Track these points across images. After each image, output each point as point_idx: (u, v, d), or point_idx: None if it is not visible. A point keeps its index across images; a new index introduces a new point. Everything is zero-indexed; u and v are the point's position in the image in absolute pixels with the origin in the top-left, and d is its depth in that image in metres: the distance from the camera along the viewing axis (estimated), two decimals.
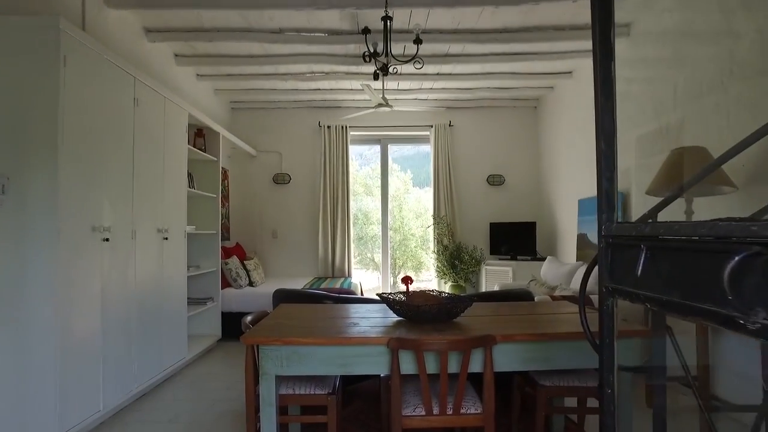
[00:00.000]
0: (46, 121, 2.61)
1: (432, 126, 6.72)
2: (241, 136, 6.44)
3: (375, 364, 2.04)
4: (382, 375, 2.47)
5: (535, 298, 3.53)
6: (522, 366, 2.06)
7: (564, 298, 3.77)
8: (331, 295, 3.51)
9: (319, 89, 6.08)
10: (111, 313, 3.06)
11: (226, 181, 6.51)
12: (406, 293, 2.56)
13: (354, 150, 7.45)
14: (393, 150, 9.78)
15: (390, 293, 2.54)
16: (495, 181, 6.79)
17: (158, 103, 3.73)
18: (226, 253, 5.88)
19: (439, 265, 6.49)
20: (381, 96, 4.84)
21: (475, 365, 2.02)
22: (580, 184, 5.35)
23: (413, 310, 2.22)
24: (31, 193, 2.61)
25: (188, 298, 4.92)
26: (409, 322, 2.32)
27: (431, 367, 2.01)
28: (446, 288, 6.54)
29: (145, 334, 3.49)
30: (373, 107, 4.97)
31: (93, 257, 2.89)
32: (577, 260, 5.09)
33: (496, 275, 6.09)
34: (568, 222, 5.70)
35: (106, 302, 3.01)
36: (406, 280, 4.09)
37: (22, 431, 2.59)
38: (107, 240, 3.01)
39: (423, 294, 2.38)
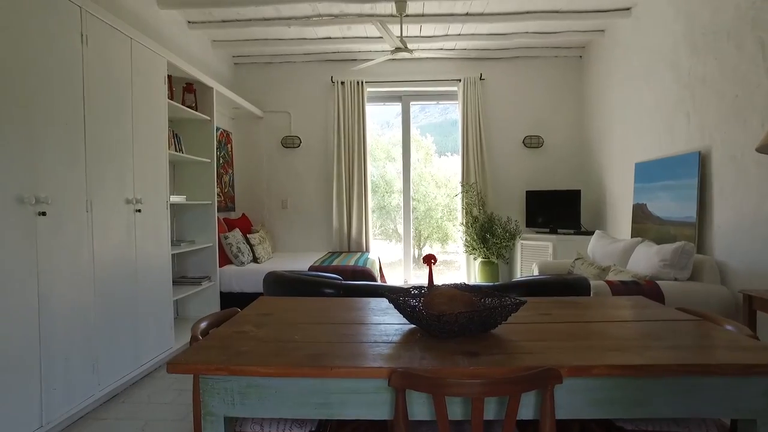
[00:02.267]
0: None
1: (460, 80, 5.86)
2: (246, 96, 5.73)
3: (370, 406, 1.35)
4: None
5: (591, 284, 2.77)
6: (599, 412, 1.33)
7: (624, 285, 3.00)
8: (334, 281, 2.83)
9: (330, 37, 5.28)
10: (54, 304, 2.44)
11: (229, 146, 5.85)
12: (425, 291, 1.84)
13: (374, 111, 6.67)
14: (418, 116, 8.94)
15: (404, 291, 1.83)
16: (532, 143, 5.93)
17: (120, 45, 3.02)
18: (229, 225, 5.27)
19: (468, 239, 5.74)
20: (399, 38, 4.03)
21: (526, 411, 1.31)
22: (637, 146, 4.47)
23: (433, 321, 1.51)
24: None
25: (181, 278, 4.35)
26: (427, 332, 1.61)
27: (456, 411, 1.31)
28: (476, 265, 5.80)
29: (111, 325, 2.90)
30: (390, 51, 4.17)
31: (22, 236, 2.26)
32: (633, 236, 4.27)
33: (533, 251, 5.31)
34: (621, 190, 4.84)
35: (46, 290, 2.39)
36: (429, 259, 3.34)
37: None
38: (43, 214, 2.37)
39: (448, 293, 1.65)
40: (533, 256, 5.27)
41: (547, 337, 1.55)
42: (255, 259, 5.17)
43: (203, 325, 1.75)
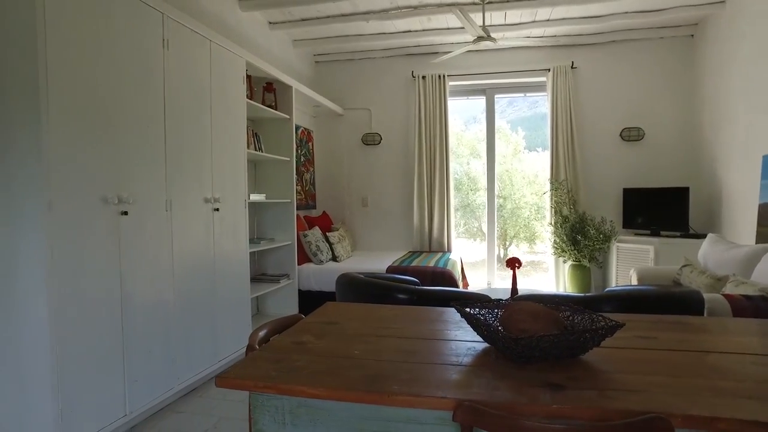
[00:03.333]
0: (25, 63, 2.03)
1: (549, 69, 5.44)
2: (327, 94, 5.73)
3: None
4: None
5: (705, 298, 2.37)
6: None
7: (750, 301, 2.54)
8: (408, 287, 2.68)
9: (410, 30, 5.12)
10: (135, 300, 2.52)
11: (310, 144, 5.90)
12: (505, 301, 1.63)
13: (457, 106, 6.42)
14: (506, 111, 8.53)
15: (479, 301, 1.63)
16: (631, 135, 5.37)
17: (200, 48, 3.07)
18: (309, 223, 5.30)
19: (557, 240, 5.33)
20: (482, 27, 3.77)
21: None
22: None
23: (510, 344, 1.29)
24: (16, 159, 2.07)
25: (261, 275, 4.42)
26: (503, 354, 1.40)
27: None
28: (565, 268, 5.37)
29: (190, 321, 2.96)
30: (471, 42, 3.93)
31: (106, 235, 2.34)
32: (758, 241, 3.68)
33: (631, 255, 4.81)
34: (743, 187, 4.22)
35: (129, 287, 2.47)
36: (513, 263, 3.09)
37: None
38: (125, 213, 2.44)
39: (530, 309, 1.43)
40: (631, 260, 4.76)
41: (650, 370, 1.28)
42: (334, 258, 5.15)
43: (262, 333, 1.66)
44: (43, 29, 2.03)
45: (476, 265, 6.87)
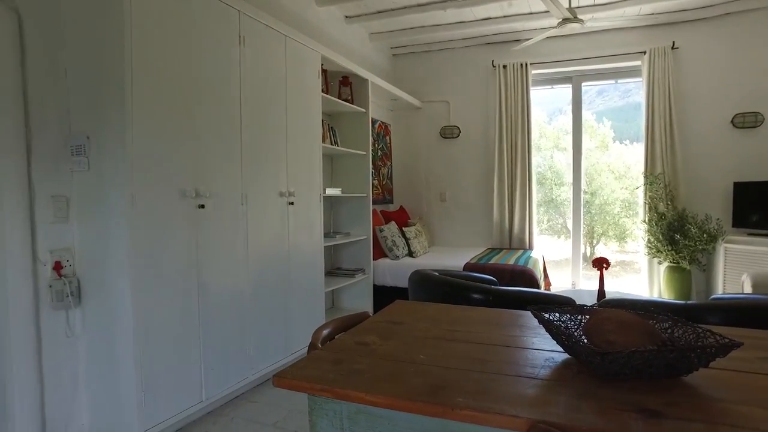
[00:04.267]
0: (115, 62, 2.13)
1: (645, 52, 4.96)
2: (404, 87, 5.65)
3: None
4: None
5: None
6: None
7: None
8: (484, 286, 2.53)
9: (490, 18, 4.89)
10: (212, 288, 2.59)
11: (388, 138, 5.85)
12: (590, 307, 1.45)
13: (540, 97, 6.08)
14: (595, 101, 7.97)
15: (559, 306, 1.46)
16: (745, 122, 4.76)
17: (275, 43, 3.10)
18: (386, 218, 5.26)
19: (652, 239, 4.86)
20: (567, 8, 3.49)
21: None
22: None
23: (595, 358, 1.13)
24: (106, 154, 2.19)
25: (336, 269, 4.44)
26: (587, 368, 1.23)
27: None
28: (660, 270, 4.90)
29: (264, 312, 3.01)
30: (556, 25, 3.65)
31: (184, 226, 2.42)
32: None
33: (742, 258, 4.27)
34: None
35: (205, 278, 2.54)
36: (600, 264, 2.83)
37: (105, 425, 2.28)
38: (202, 206, 2.50)
39: (620, 318, 1.24)
40: (743, 264, 4.23)
41: (759, 389, 1.06)
42: (410, 253, 5.07)
43: (326, 331, 1.61)
44: (129, 32, 2.12)
45: (560, 264, 6.50)
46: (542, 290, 4.65)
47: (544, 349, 1.39)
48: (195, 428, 2.47)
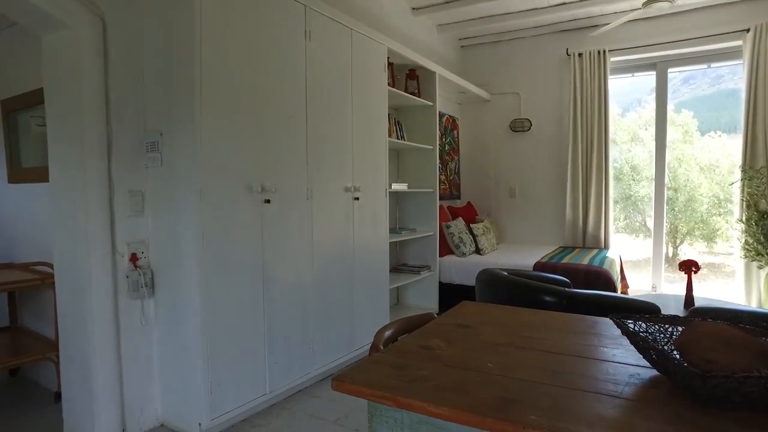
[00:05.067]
0: (185, 60, 2.19)
1: (748, 30, 4.46)
2: (473, 79, 5.48)
3: None
4: None
5: None
6: None
7: None
8: (557, 288, 2.38)
9: (564, 2, 4.62)
10: (277, 283, 2.61)
11: (455, 132, 5.72)
12: (683, 318, 1.29)
13: (617, 88, 5.69)
14: (680, 90, 7.36)
15: (643, 319, 1.31)
16: None
17: (341, 37, 3.08)
18: (453, 214, 5.14)
19: (750, 240, 4.41)
20: None
21: None
22: None
23: (694, 380, 0.99)
24: (177, 150, 2.26)
25: (401, 266, 4.39)
26: (680, 389, 1.08)
27: None
28: (760, 275, 4.43)
29: (328, 308, 3.01)
30: (641, 6, 3.37)
31: (250, 221, 2.45)
32: None
33: None
34: None
35: (271, 272, 2.57)
36: (688, 267, 2.60)
37: (175, 410, 2.36)
38: (268, 201, 2.53)
39: (721, 333, 1.08)
40: None
41: None
42: (477, 251, 4.92)
43: (389, 332, 1.55)
44: (199, 32, 2.17)
45: (638, 265, 6.07)
46: (621, 294, 4.36)
47: (627, 363, 1.25)
48: (259, 420, 2.51)
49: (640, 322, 1.20)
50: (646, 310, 2.07)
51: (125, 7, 2.30)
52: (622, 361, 1.26)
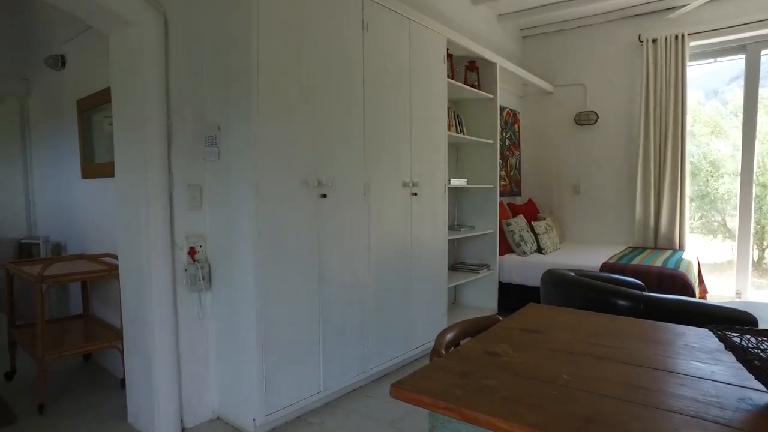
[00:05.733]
0: (242, 55, 2.17)
1: None
2: (535, 71, 5.25)
3: None
4: None
5: None
6: None
7: None
8: (631, 292, 2.18)
9: None
10: (332, 279, 2.56)
11: (516, 126, 5.49)
12: None
13: (695, 72, 5.26)
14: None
15: (749, 333, 1.13)
16: None
17: (398, 27, 2.98)
18: (513, 211, 4.94)
19: None
20: None
21: None
22: None
23: None
24: (233, 144, 2.25)
25: (459, 264, 4.26)
26: None
27: None
28: None
29: (384, 307, 2.93)
30: None
31: (306, 216, 2.41)
32: None
33: None
34: None
35: (326, 268, 2.52)
36: None
37: (231, 404, 2.36)
38: (324, 196, 2.48)
39: None
40: None
41: None
42: (539, 250, 4.69)
43: (450, 335, 1.45)
44: (256, 26, 2.14)
45: (717, 269, 5.60)
46: (705, 300, 4.03)
47: (732, 384, 1.08)
48: (312, 418, 2.47)
49: (748, 336, 1.03)
50: (740, 320, 1.85)
51: (185, 2, 2.31)
52: (724, 380, 1.10)
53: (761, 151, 4.94)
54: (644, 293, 2.14)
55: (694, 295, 3.82)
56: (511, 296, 4.35)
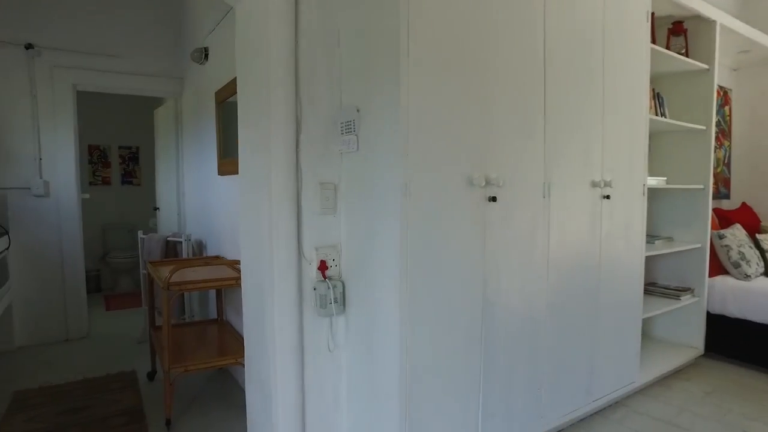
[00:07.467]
0: (389, 21, 1.63)
1: None
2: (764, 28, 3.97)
3: None
4: None
5: None
6: None
7: None
8: None
9: None
10: (500, 308, 1.92)
11: (727, 108, 4.26)
12: None
13: None
14: None
15: None
16: None
17: None
18: (723, 220, 3.79)
19: None
20: None
21: None
22: None
23: None
24: (375, 132, 1.72)
25: (649, 285, 3.34)
26: None
27: None
28: None
29: (563, 343, 2.21)
30: None
31: (469, 224, 1.80)
32: None
33: None
34: None
35: (492, 292, 1.89)
36: None
37: None
38: (493, 199, 1.84)
39: None
40: None
41: None
42: (767, 272, 3.51)
43: None
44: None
45: None
46: None
47: None
48: None
49: None
50: None
51: None
52: None
53: None
54: None
55: None
56: (724, 332, 3.28)
